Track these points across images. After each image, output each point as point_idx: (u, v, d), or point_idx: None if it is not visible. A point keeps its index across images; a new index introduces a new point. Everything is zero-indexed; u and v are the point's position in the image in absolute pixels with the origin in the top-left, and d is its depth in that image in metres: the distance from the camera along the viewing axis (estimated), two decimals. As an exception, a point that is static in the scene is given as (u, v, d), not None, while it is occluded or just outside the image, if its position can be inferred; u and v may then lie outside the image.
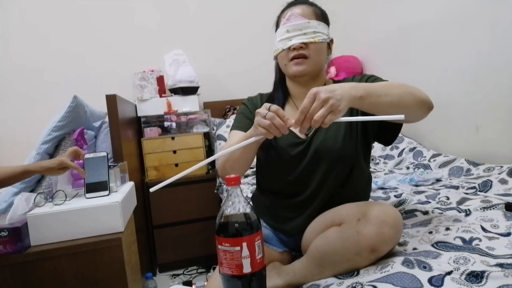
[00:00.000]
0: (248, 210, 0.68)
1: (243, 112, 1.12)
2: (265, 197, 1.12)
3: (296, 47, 1.00)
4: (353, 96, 0.78)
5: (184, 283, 2.02)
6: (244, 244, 0.65)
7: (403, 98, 0.84)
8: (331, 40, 1.07)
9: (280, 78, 1.14)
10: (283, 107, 1.07)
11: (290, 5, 1.06)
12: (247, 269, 0.65)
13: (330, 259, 0.84)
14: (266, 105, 0.81)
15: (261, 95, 1.16)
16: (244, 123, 1.07)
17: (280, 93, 1.11)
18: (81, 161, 1.28)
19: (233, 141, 0.97)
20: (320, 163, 1.00)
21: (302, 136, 1.04)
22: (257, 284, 0.67)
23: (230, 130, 1.11)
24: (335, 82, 1.12)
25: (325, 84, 1.07)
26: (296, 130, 1.04)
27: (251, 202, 1.08)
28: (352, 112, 1.02)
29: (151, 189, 0.77)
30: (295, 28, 1.00)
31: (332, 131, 1.01)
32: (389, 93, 0.82)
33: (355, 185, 1.03)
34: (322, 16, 1.05)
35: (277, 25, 1.08)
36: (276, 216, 1.08)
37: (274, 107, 0.79)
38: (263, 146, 0.99)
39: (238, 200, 0.68)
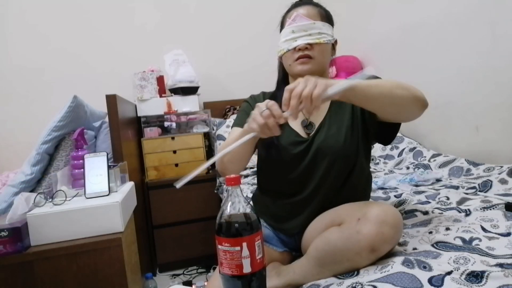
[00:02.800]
0: (248, 210, 0.68)
1: (245, 109, 1.12)
2: (266, 197, 1.12)
3: (301, 47, 1.00)
4: (340, 84, 0.79)
5: (184, 283, 2.01)
6: (244, 244, 0.65)
7: (395, 90, 0.84)
8: (335, 41, 1.08)
9: (283, 77, 1.14)
10: None
11: (295, 6, 1.06)
12: (247, 269, 0.65)
13: (330, 259, 0.84)
14: (266, 101, 0.82)
15: (263, 94, 1.17)
16: (245, 120, 1.07)
17: (282, 92, 1.11)
18: (81, 161, 1.28)
19: (232, 137, 0.99)
20: (321, 162, 1.00)
21: (303, 134, 1.04)
22: (257, 284, 0.67)
23: (232, 127, 1.12)
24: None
25: None
26: (297, 128, 1.04)
27: (251, 202, 1.08)
28: (353, 108, 1.02)
29: (177, 185, 0.74)
30: (300, 29, 1.00)
31: (333, 130, 1.01)
32: (379, 85, 0.83)
33: (355, 184, 1.03)
34: (326, 17, 1.05)
35: (282, 25, 1.08)
36: (276, 216, 1.08)
37: (271, 102, 0.80)
38: (265, 145, 0.99)
39: (238, 200, 0.68)
